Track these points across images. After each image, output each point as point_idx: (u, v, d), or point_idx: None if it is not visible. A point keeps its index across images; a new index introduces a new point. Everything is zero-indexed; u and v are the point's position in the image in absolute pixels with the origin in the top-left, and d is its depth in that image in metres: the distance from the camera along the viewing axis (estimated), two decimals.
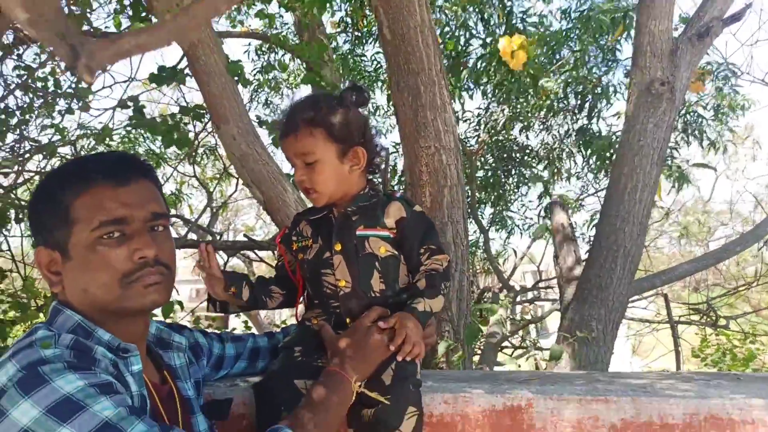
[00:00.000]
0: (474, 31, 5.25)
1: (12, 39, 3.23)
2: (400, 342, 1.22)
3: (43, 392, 0.86)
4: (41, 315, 3.38)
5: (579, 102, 5.60)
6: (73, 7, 2.92)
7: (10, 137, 3.27)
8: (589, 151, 5.63)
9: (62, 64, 3.73)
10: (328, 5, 3.58)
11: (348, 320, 1.31)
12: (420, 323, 1.25)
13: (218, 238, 6.03)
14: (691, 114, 5.43)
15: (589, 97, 5.45)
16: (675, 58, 3.02)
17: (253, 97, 6.62)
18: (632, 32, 3.47)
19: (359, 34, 5.75)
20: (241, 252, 6.37)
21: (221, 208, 7.46)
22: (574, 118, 5.85)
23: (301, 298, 1.45)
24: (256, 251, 4.49)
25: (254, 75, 6.13)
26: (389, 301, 1.31)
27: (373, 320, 1.27)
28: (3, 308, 3.84)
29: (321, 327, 1.31)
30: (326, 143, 1.29)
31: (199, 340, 1.41)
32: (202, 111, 3.05)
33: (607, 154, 5.23)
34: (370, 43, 5.94)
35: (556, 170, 6.07)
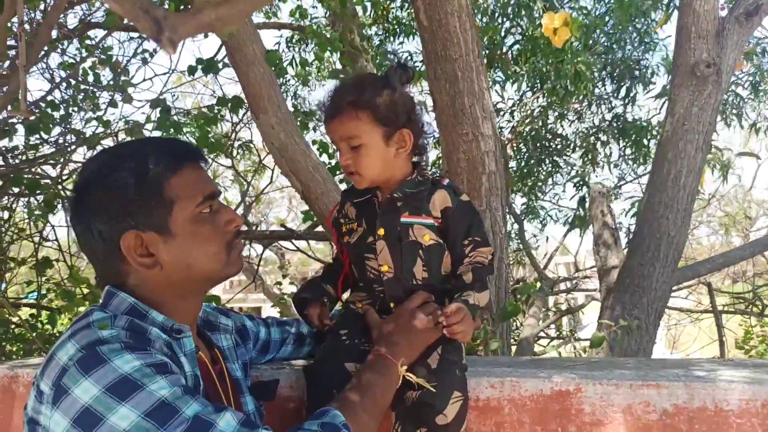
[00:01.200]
0: (512, 17, 5.16)
1: (56, 34, 3.33)
2: (454, 322, 1.17)
3: (102, 371, 0.89)
4: (86, 303, 3.49)
5: (615, 86, 5.47)
6: None
7: (56, 130, 3.37)
8: (625, 139, 5.51)
9: (103, 57, 3.83)
10: None
11: (392, 305, 1.31)
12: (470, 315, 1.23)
13: (254, 229, 6.11)
14: (729, 93, 5.23)
15: (626, 81, 5.32)
16: (721, 38, 2.92)
17: (284, 89, 6.67)
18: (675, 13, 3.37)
19: (390, 27, 5.72)
20: (276, 243, 6.46)
21: (255, 201, 7.57)
22: (610, 105, 5.72)
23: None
24: (292, 241, 4.53)
25: (287, 66, 6.17)
26: (432, 289, 1.31)
27: (418, 305, 1.27)
28: (50, 297, 3.98)
29: (366, 311, 1.32)
30: (372, 126, 1.26)
31: (245, 323, 1.43)
32: (239, 102, 3.09)
33: (644, 140, 5.11)
34: (400, 35, 5.90)
35: (591, 158, 5.96)
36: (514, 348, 3.97)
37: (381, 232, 1.29)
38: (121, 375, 0.89)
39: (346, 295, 1.46)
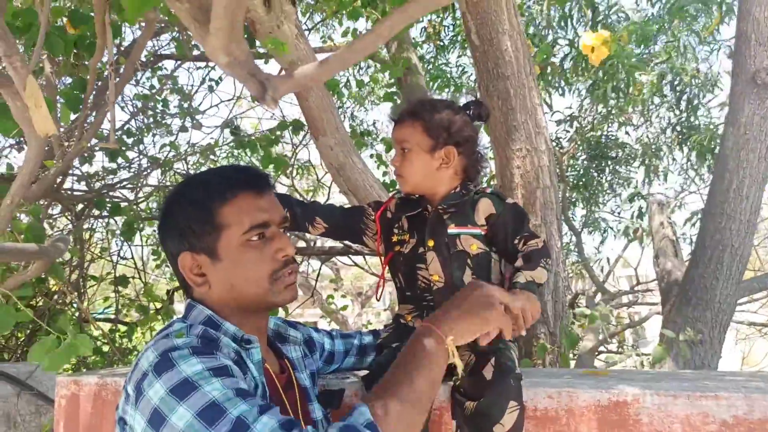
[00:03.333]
0: (559, 31, 5.17)
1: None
2: (518, 311, 1.21)
3: (169, 374, 0.98)
4: (159, 317, 3.70)
5: (677, 95, 5.35)
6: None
7: (131, 155, 3.62)
8: (688, 147, 5.36)
9: (171, 85, 4.09)
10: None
11: None
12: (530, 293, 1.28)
13: (312, 244, 6.29)
14: None
15: (687, 89, 5.20)
16: None
17: (341, 110, 6.87)
18: (733, 19, 3.30)
19: (442, 43, 5.82)
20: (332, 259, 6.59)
21: None
22: (673, 112, 5.59)
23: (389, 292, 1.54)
24: (349, 256, 4.65)
25: (343, 87, 6.37)
26: None
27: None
28: (125, 312, 4.24)
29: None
30: (421, 136, 1.40)
31: (312, 335, 1.52)
32: (299, 124, 3.23)
33: (710, 147, 4.96)
34: (453, 50, 5.99)
35: (652, 168, 5.83)
36: (573, 362, 3.93)
37: (431, 243, 1.39)
38: (183, 377, 0.97)
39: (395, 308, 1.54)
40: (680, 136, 5.49)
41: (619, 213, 6.45)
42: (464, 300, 1.16)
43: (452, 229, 1.38)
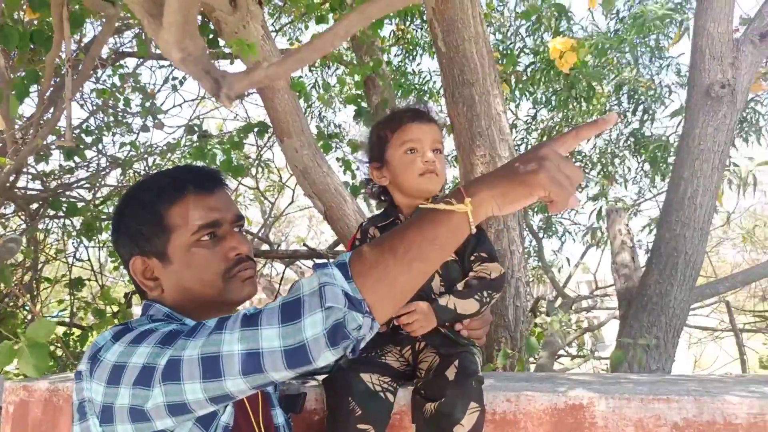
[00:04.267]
0: (526, 39, 5.26)
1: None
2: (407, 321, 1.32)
3: (128, 335, 0.99)
4: (116, 321, 3.61)
5: (632, 105, 5.50)
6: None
7: (89, 154, 3.52)
8: (643, 155, 5.52)
9: (132, 83, 4.00)
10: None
11: None
12: (435, 315, 1.34)
13: (275, 248, 6.22)
14: (749, 110, 5.23)
15: (642, 99, 5.35)
16: (736, 59, 2.97)
17: (307, 112, 6.83)
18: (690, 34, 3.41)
19: (409, 49, 5.85)
20: (296, 262, 6.55)
21: (277, 220, 7.70)
22: (627, 121, 5.75)
23: None
24: (313, 260, 4.62)
25: (311, 89, 6.34)
26: None
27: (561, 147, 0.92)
28: (80, 315, 4.12)
29: None
30: (442, 139, 1.51)
31: None
32: (265, 126, 3.21)
33: (663, 157, 5.11)
34: (421, 56, 6.03)
35: (609, 175, 5.97)
36: (533, 366, 3.98)
37: None
38: (142, 330, 0.99)
39: None
40: (635, 145, 5.64)
41: (576, 218, 6.59)
42: (508, 164, 0.93)
43: None
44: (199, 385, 0.90)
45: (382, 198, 1.57)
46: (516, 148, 6.08)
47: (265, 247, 5.94)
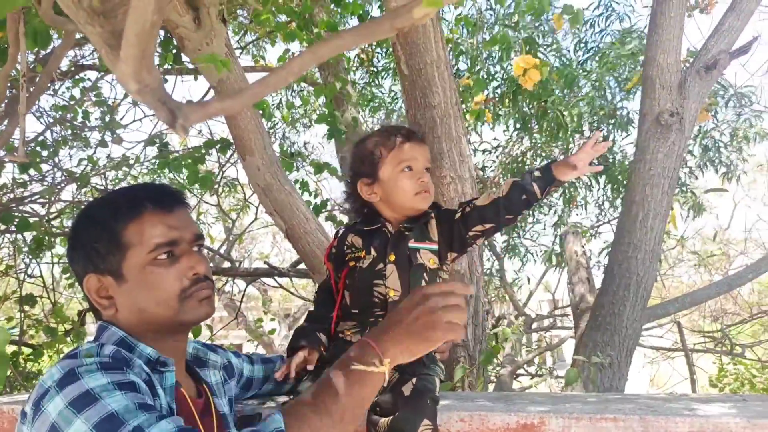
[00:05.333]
0: (495, 64, 5.38)
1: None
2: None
3: (71, 388, 0.94)
4: (68, 339, 3.50)
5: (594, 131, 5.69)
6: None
7: (44, 167, 3.44)
8: (604, 180, 5.71)
9: (93, 98, 3.94)
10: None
11: None
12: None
13: (237, 265, 6.15)
14: (708, 140, 5.48)
15: (604, 126, 5.55)
16: (684, 89, 3.11)
17: (270, 131, 6.82)
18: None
19: (375, 70, 5.93)
20: (259, 279, 6.49)
21: (239, 237, 7.62)
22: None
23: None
24: (275, 278, 4.59)
25: (273, 110, 6.33)
26: None
27: (440, 293, 1.05)
28: (30, 333, 3.98)
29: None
30: None
31: (231, 360, 1.49)
32: (227, 143, 3.20)
33: (623, 181, 5.29)
34: (385, 78, 6.11)
35: (572, 198, 6.14)
36: (492, 386, 4.03)
37: (392, 257, 1.45)
38: (85, 390, 0.94)
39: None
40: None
41: (537, 239, 6.73)
42: (408, 315, 1.04)
43: (413, 243, 1.46)
44: None
45: (365, 211, 1.59)
46: (482, 169, 6.24)
47: (226, 264, 5.87)
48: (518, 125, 5.59)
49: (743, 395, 1.53)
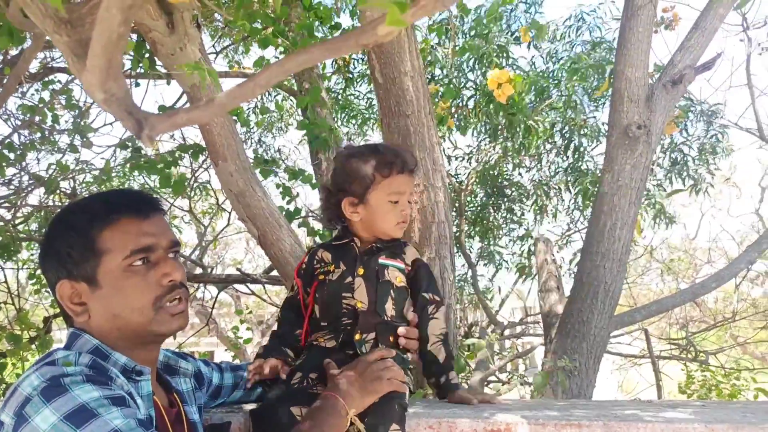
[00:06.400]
0: (467, 73, 5.44)
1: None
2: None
3: (62, 400, 0.93)
4: (33, 347, 3.42)
5: (566, 142, 5.80)
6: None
7: (10, 171, 3.36)
8: (575, 189, 5.81)
9: (63, 101, 3.87)
10: None
11: (357, 336, 1.43)
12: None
13: (209, 271, 6.09)
14: (677, 152, 5.63)
15: (575, 137, 5.65)
16: (651, 103, 3.19)
17: (246, 136, 6.78)
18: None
19: (351, 76, 5.95)
20: (231, 286, 6.42)
21: (212, 243, 7.54)
22: (563, 157, 6.04)
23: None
24: (247, 284, 4.55)
25: (249, 115, 6.30)
26: (396, 326, 1.48)
27: (376, 359, 1.36)
28: None
29: (326, 365, 1.41)
30: None
31: (201, 368, 1.49)
32: (200, 148, 3.17)
33: (593, 191, 5.39)
34: (360, 84, 6.14)
35: (543, 207, 6.23)
36: None
37: (361, 271, 1.47)
38: (80, 404, 0.93)
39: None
40: (568, 180, 5.93)
41: (512, 247, 6.81)
42: (358, 376, 1.31)
43: (383, 260, 1.50)
44: None
45: (334, 224, 1.61)
46: (455, 176, 6.30)
47: (198, 270, 5.80)
48: (488, 133, 5.67)
49: (703, 401, 1.58)
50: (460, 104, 5.44)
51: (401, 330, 1.47)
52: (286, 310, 1.59)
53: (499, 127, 5.28)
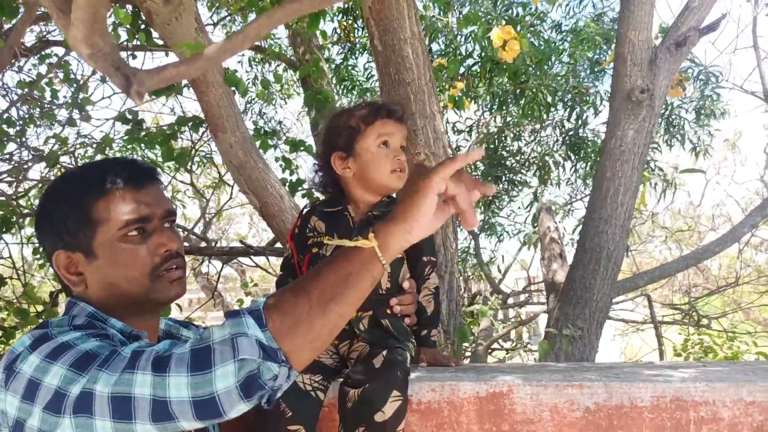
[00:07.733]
0: (472, 40, 5.35)
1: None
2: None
3: (46, 345, 0.94)
4: (40, 321, 3.46)
5: (568, 110, 5.74)
6: None
7: (10, 146, 3.35)
8: (577, 158, 5.78)
9: (60, 75, 3.84)
10: (322, 21, 3.67)
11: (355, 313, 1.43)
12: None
13: (213, 245, 6.11)
14: (674, 117, 5.58)
15: (577, 106, 5.59)
16: (654, 66, 3.15)
17: (247, 108, 6.74)
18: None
19: (351, 45, 5.87)
20: (236, 260, 6.45)
21: (216, 216, 7.56)
22: (563, 127, 5.99)
23: None
24: (251, 257, 4.57)
25: (248, 86, 6.25)
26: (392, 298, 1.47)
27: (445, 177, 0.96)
28: (2, 315, 3.91)
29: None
30: None
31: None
32: (199, 120, 3.15)
33: (595, 159, 5.35)
34: (362, 54, 6.06)
35: (545, 176, 6.20)
36: (468, 360, 4.09)
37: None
38: (60, 343, 0.94)
39: None
40: (571, 148, 5.89)
41: (514, 218, 6.80)
42: (406, 198, 0.99)
43: None
44: (110, 423, 0.87)
45: (329, 190, 1.58)
46: (457, 148, 6.26)
47: (202, 244, 5.82)
48: (494, 104, 5.60)
49: (704, 362, 1.59)
50: (463, 74, 5.36)
51: (393, 301, 1.45)
52: (282, 274, 1.59)
53: (504, 95, 5.22)
